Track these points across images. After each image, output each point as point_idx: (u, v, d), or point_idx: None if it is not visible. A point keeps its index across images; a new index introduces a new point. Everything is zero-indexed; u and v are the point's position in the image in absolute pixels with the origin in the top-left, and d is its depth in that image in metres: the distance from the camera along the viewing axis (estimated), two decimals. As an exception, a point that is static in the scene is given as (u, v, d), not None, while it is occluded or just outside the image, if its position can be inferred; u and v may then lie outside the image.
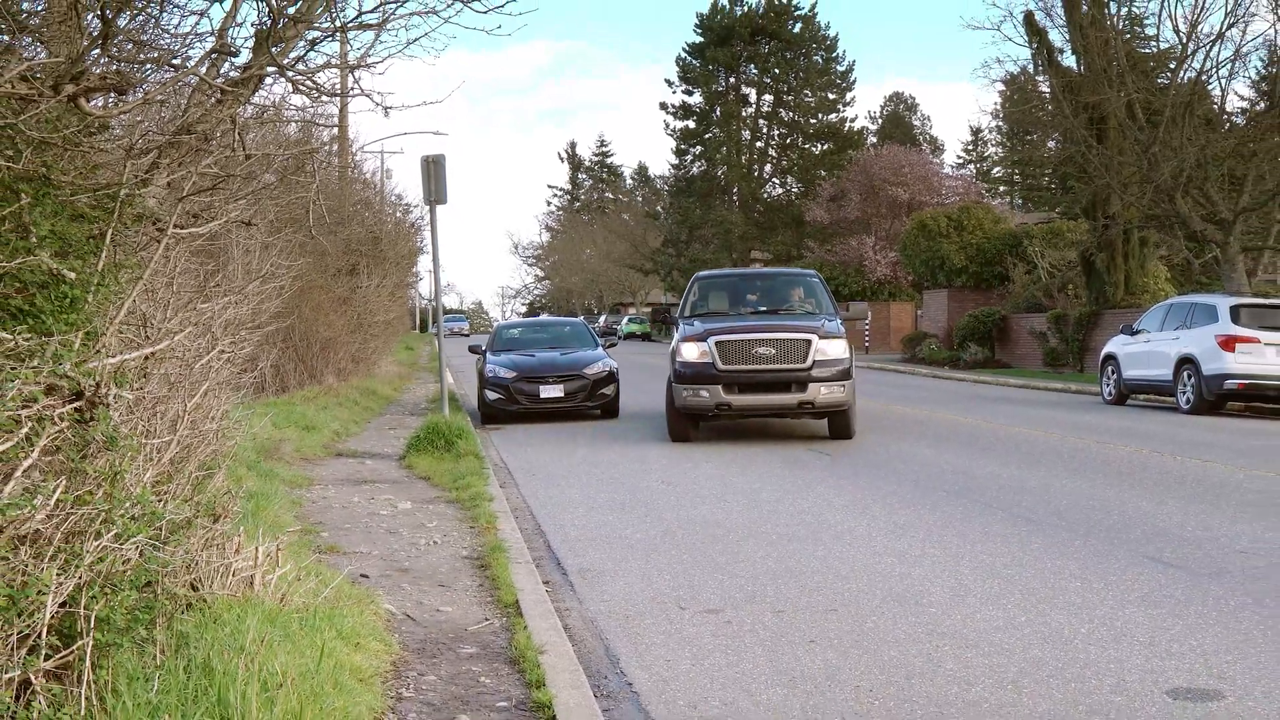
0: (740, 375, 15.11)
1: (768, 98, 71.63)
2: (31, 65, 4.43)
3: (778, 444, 15.61)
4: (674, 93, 73.43)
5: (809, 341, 15.04)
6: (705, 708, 4.94)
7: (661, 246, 72.74)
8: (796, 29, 69.81)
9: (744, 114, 71.53)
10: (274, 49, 5.55)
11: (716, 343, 15.17)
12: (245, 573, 5.29)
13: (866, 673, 5.31)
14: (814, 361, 14.92)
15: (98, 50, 4.93)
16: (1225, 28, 26.05)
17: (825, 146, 68.92)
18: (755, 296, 17.91)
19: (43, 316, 4.20)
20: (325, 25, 5.96)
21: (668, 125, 73.52)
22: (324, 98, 6.31)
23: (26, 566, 3.37)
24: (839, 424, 15.61)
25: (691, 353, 15.35)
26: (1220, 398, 18.62)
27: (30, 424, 3.71)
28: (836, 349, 15.17)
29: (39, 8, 5.88)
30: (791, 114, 70.73)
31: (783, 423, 17.61)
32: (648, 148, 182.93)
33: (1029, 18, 30.35)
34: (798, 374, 14.88)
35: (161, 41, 6.08)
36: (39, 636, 3.30)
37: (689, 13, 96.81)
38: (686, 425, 16.02)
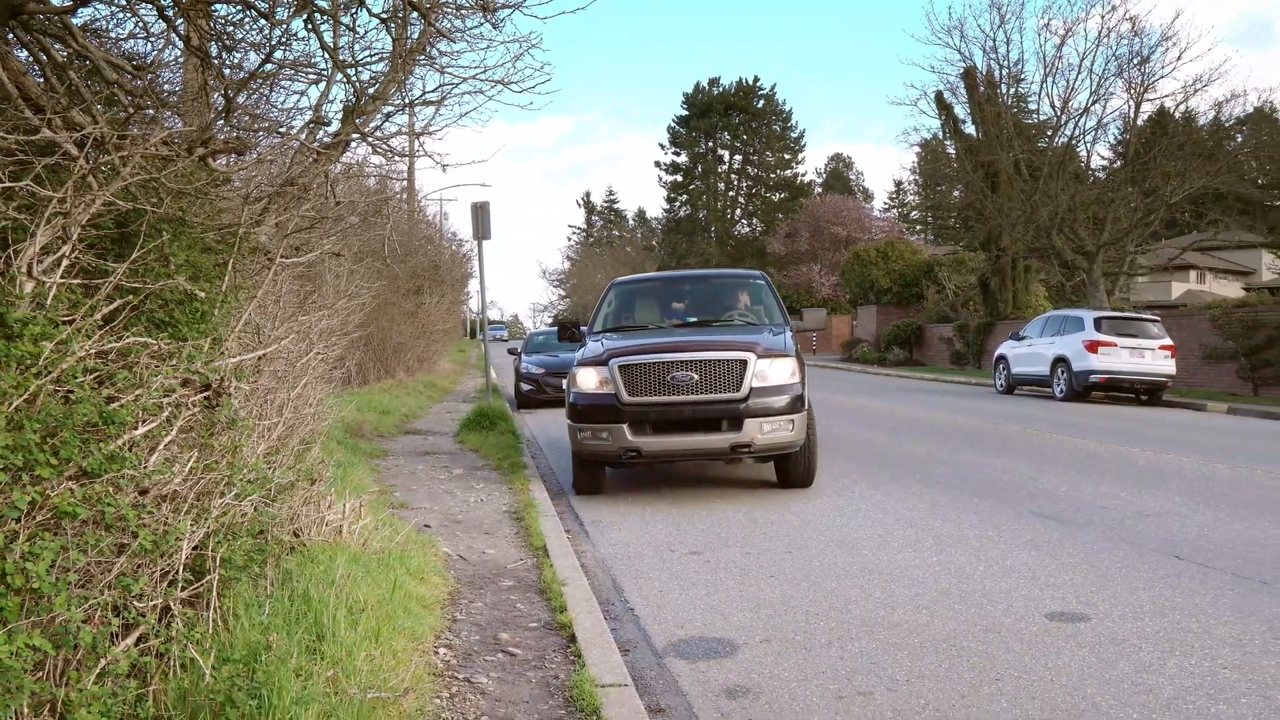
0: (651, 410, 8.24)
1: (738, 158, 71.74)
2: (171, 133, 4.43)
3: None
4: (665, 153, 73.68)
5: (743, 363, 8.22)
6: (690, 626, 4.94)
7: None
8: (760, 104, 70.01)
9: (719, 170, 71.66)
10: (358, 120, 5.55)
11: (621, 366, 8.30)
12: (335, 524, 5.29)
13: (813, 600, 5.31)
14: (751, 389, 8.18)
15: (222, 121, 4.93)
16: (1090, 104, 26.09)
17: (782, 195, 69.13)
18: (684, 305, 10.42)
19: (179, 326, 4.20)
20: (397, 102, 5.96)
21: (661, 178, 73.75)
22: (396, 158, 6.31)
23: (167, 519, 3.38)
24: (790, 470, 8.74)
25: (589, 380, 8.51)
26: (1086, 389, 18.62)
27: (170, 409, 3.72)
28: (781, 371, 8.34)
29: (177, 89, 5.88)
30: (756, 170, 70.87)
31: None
32: (645, 196, 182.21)
33: (939, 96, 30.36)
34: (728, 407, 8.12)
35: (271, 114, 6.08)
36: (177, 573, 3.30)
37: (677, 92, 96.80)
38: (592, 472, 8.86)
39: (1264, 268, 42.64)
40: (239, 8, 5.21)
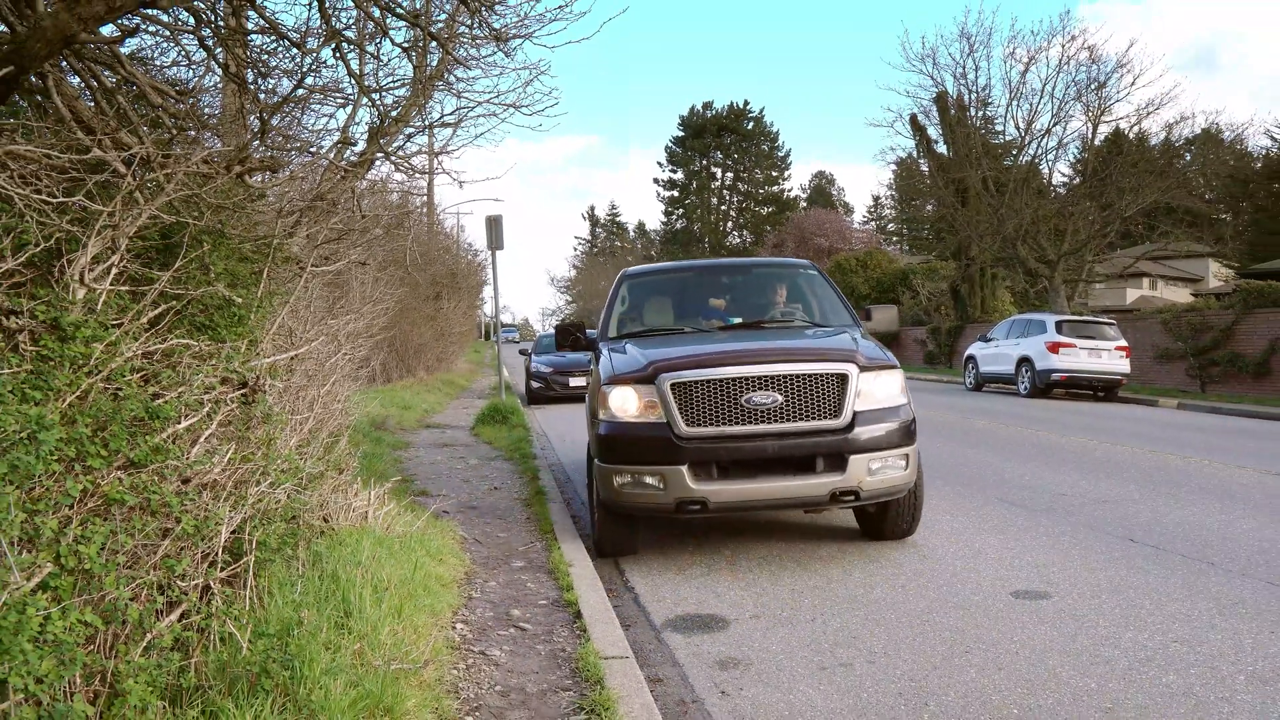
0: (720, 445, 5.30)
1: (729, 175, 71.73)
2: (211, 152, 4.43)
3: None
4: (663, 171, 73.65)
5: (843, 378, 5.42)
6: (684, 605, 4.94)
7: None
8: (750, 126, 69.98)
9: (713, 186, 71.62)
10: (382, 140, 5.54)
11: (675, 385, 5.36)
12: (361, 510, 5.29)
13: (798, 579, 5.30)
14: (854, 414, 5.40)
15: (257, 141, 4.93)
16: (1051, 125, 26.11)
17: (770, 209, 69.08)
18: (724, 303, 7.13)
19: (219, 329, 4.20)
20: (418, 124, 5.95)
21: (659, 194, 73.73)
22: (416, 175, 6.32)
23: (207, 505, 3.38)
24: (888, 516, 5.99)
25: (627, 404, 5.49)
26: (1048, 386, 18.62)
27: (210, 405, 3.71)
28: (889, 388, 5.62)
29: (216, 112, 5.87)
30: (746, 186, 70.82)
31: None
32: (645, 210, 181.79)
33: (913, 118, 30.35)
34: (826, 439, 5.34)
35: (302, 135, 6.07)
36: (216, 555, 3.30)
37: (674, 115, 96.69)
38: (623, 527, 5.86)
39: (1210, 275, 42.65)
40: (273, 38, 5.21)
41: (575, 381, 18.62)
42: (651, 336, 6.49)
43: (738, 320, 6.80)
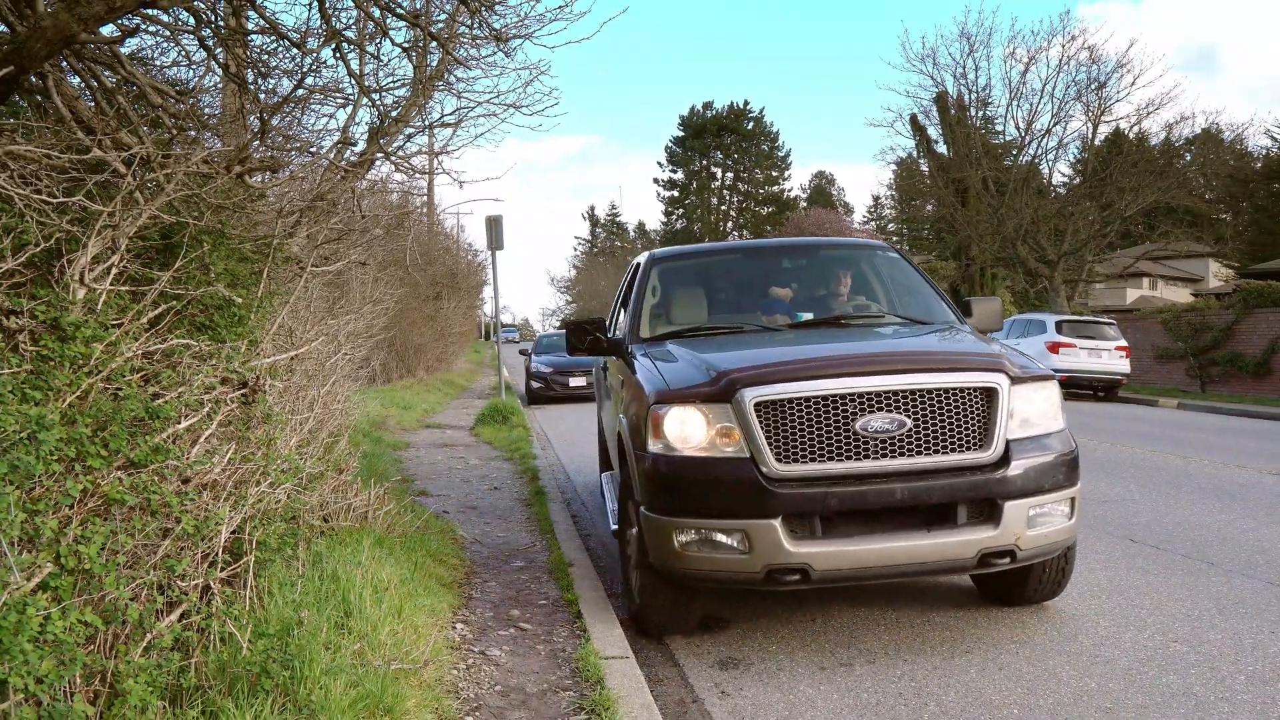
0: (829, 488, 3.64)
1: (729, 175, 71.79)
2: (211, 153, 4.43)
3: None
4: (663, 171, 73.68)
5: (990, 393, 3.82)
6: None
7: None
8: (750, 126, 70.04)
9: (713, 186, 71.68)
10: (382, 141, 5.55)
11: (763, 402, 3.72)
12: (361, 509, 5.29)
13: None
14: (1007, 443, 3.80)
15: (257, 142, 4.93)
16: (1052, 125, 26.14)
17: (770, 209, 69.13)
18: (790, 293, 5.43)
19: (219, 329, 4.20)
20: (418, 124, 5.96)
21: (659, 194, 73.74)
22: (417, 175, 6.34)
23: (207, 505, 3.38)
24: (1035, 578, 4.37)
25: (689, 429, 3.83)
26: (1048, 386, 18.64)
27: (210, 405, 3.71)
28: (1046, 407, 4.06)
29: (216, 112, 5.88)
30: (746, 186, 70.89)
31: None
32: (645, 210, 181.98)
33: (913, 118, 30.39)
34: (970, 478, 3.71)
35: (302, 135, 6.08)
36: (216, 555, 3.30)
37: (674, 115, 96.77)
38: (676, 603, 4.19)
39: (1210, 275, 42.67)
40: (273, 38, 5.21)
41: (575, 381, 18.65)
42: (701, 337, 4.89)
43: (808, 316, 5.18)
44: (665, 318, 5.39)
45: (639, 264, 5.99)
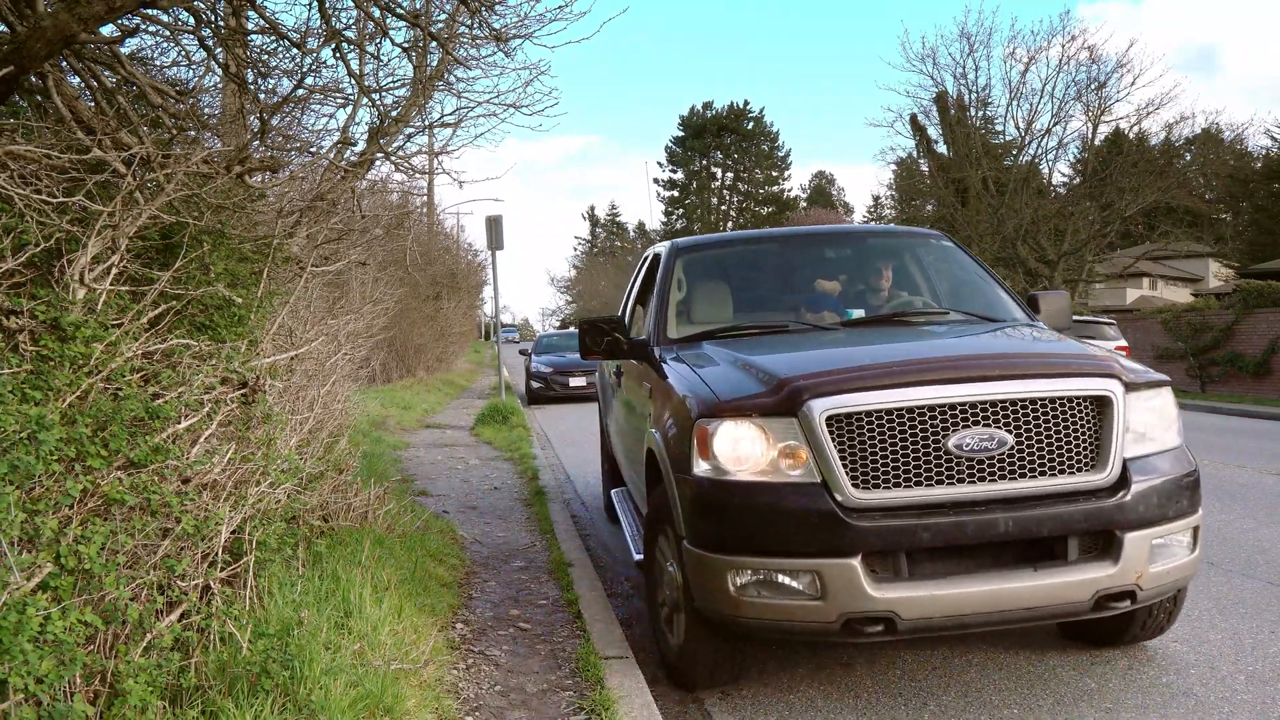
0: (918, 520, 3.03)
1: (729, 175, 71.85)
2: (211, 153, 4.43)
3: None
4: (664, 171, 73.74)
5: (1104, 402, 3.22)
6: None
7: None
8: (750, 126, 70.11)
9: (713, 186, 71.75)
10: (382, 141, 5.55)
11: (837, 415, 3.10)
12: (361, 509, 5.29)
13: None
14: (1123, 462, 3.20)
15: (257, 142, 4.93)
16: (1051, 125, 26.17)
17: (770, 209, 69.18)
18: (839, 286, 4.80)
19: (219, 329, 4.20)
20: (418, 124, 5.96)
21: (659, 194, 73.74)
22: (417, 175, 6.34)
23: (207, 505, 3.38)
24: (1142, 612, 3.72)
25: (744, 448, 3.20)
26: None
27: (210, 405, 3.72)
28: (1163, 418, 3.44)
29: (216, 112, 5.88)
30: (746, 186, 70.96)
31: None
32: (645, 210, 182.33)
33: (913, 118, 30.42)
34: (1084, 504, 3.11)
35: (302, 135, 6.08)
36: (216, 555, 3.30)
37: (674, 115, 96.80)
38: (721, 651, 3.54)
39: (1210, 275, 42.68)
40: (273, 38, 5.21)
41: (575, 381, 18.66)
42: (741, 338, 4.26)
43: (858, 313, 4.59)
44: (694, 315, 4.69)
45: (657, 255, 5.31)
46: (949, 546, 3.10)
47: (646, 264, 5.74)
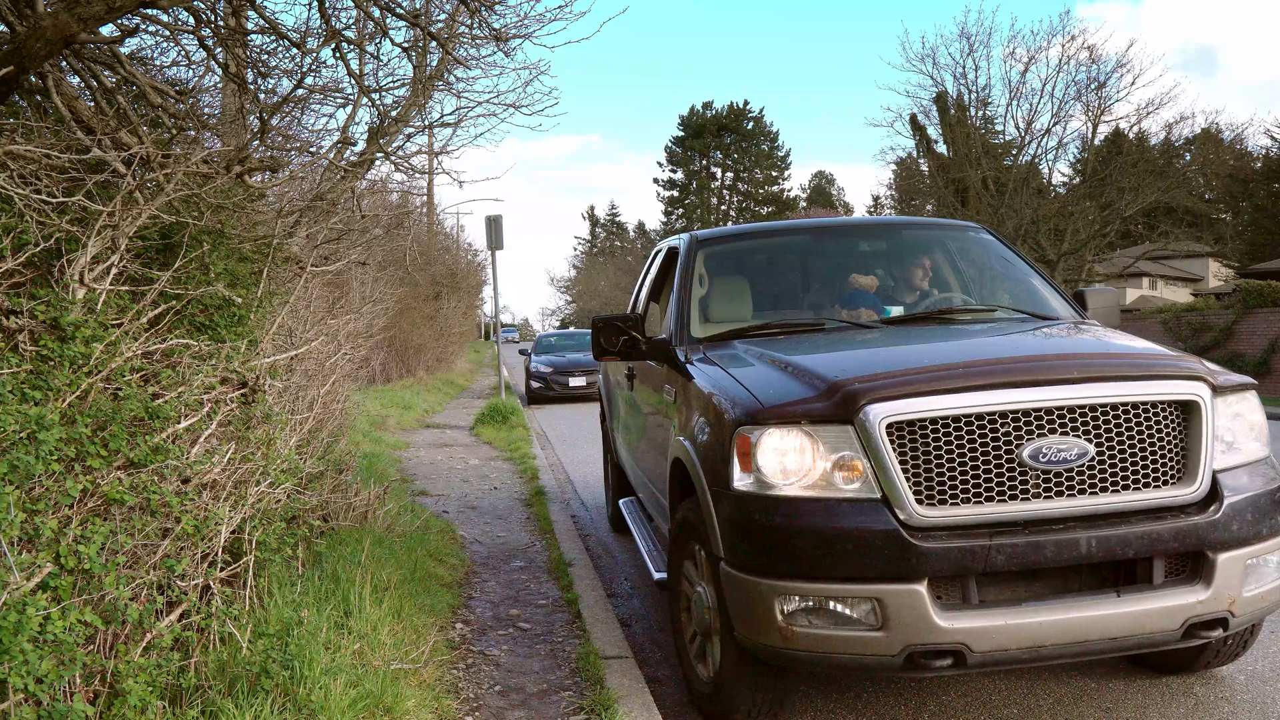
0: (997, 539, 2.73)
1: (729, 175, 71.87)
2: (211, 152, 4.43)
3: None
4: (663, 171, 73.79)
5: (1191, 408, 2.92)
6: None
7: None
8: (750, 126, 70.14)
9: (712, 186, 71.77)
10: (381, 140, 5.55)
11: (899, 422, 2.81)
12: (361, 509, 5.29)
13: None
14: (1213, 474, 2.90)
15: (257, 141, 4.93)
16: (1051, 125, 26.18)
17: (770, 209, 69.20)
18: (876, 281, 4.49)
19: (218, 329, 4.20)
20: (417, 124, 5.96)
21: (659, 194, 73.87)
22: (416, 175, 6.35)
23: (207, 505, 3.38)
24: (1223, 645, 3.47)
25: (792, 459, 2.89)
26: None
27: (210, 405, 3.71)
28: (1251, 425, 3.09)
29: (216, 112, 5.88)
30: (746, 186, 70.98)
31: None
32: (645, 209, 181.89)
33: (913, 118, 30.41)
34: (1171, 522, 2.81)
35: (302, 135, 6.08)
36: (216, 555, 3.30)
37: (674, 114, 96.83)
38: (767, 697, 3.22)
39: (1210, 275, 42.68)
40: (273, 38, 5.21)
41: (575, 381, 18.67)
42: (774, 337, 3.93)
43: (897, 310, 4.29)
44: (718, 313, 4.35)
45: (675, 248, 4.98)
46: (1022, 571, 2.80)
47: (660, 257, 5.41)
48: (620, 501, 5.83)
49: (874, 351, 3.53)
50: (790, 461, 2.92)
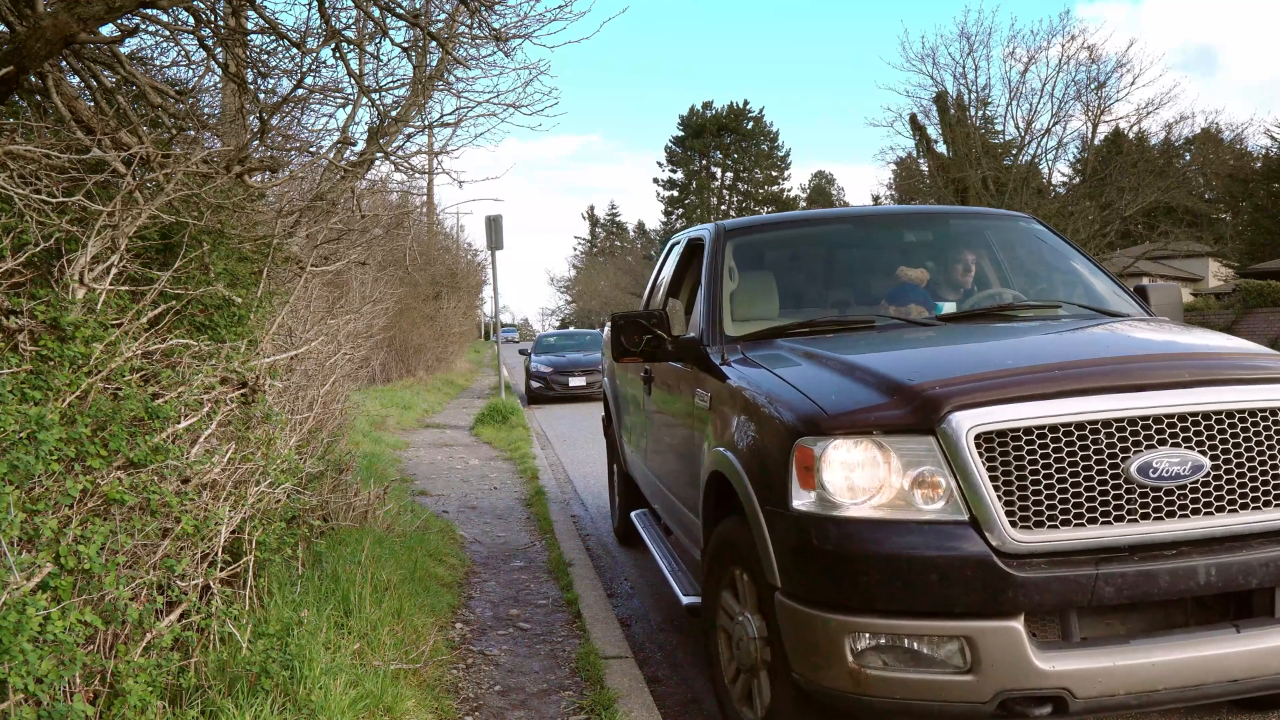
0: (1104, 567, 2.38)
1: (729, 175, 71.90)
2: (211, 152, 4.43)
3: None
4: (663, 171, 73.81)
5: None
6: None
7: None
8: (750, 126, 70.19)
9: (712, 186, 71.81)
10: (381, 140, 5.55)
11: (990, 432, 2.45)
12: (361, 509, 5.29)
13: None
14: None
15: (257, 141, 4.93)
16: (1051, 125, 26.21)
17: (770, 209, 69.16)
18: (926, 275, 4.06)
19: (218, 329, 4.20)
20: (417, 124, 5.96)
21: (659, 194, 73.94)
22: (416, 175, 6.35)
23: (207, 505, 3.38)
24: None
25: (862, 475, 2.53)
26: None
27: (210, 405, 3.72)
28: None
29: (216, 112, 5.88)
30: (746, 186, 71.02)
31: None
32: (645, 210, 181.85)
33: (913, 118, 30.42)
34: None
35: (302, 135, 6.08)
36: (216, 555, 3.30)
37: (674, 114, 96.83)
38: None
39: (1210, 275, 42.69)
40: (273, 38, 5.21)
41: (575, 381, 18.68)
42: (821, 336, 3.55)
43: (949, 307, 3.95)
44: (751, 309, 3.95)
45: (697, 240, 4.63)
46: (1132, 604, 2.46)
47: (679, 250, 5.03)
48: (633, 514, 5.46)
49: (947, 350, 3.19)
50: (859, 477, 2.57)
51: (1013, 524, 2.44)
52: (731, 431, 3.12)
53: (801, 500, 2.62)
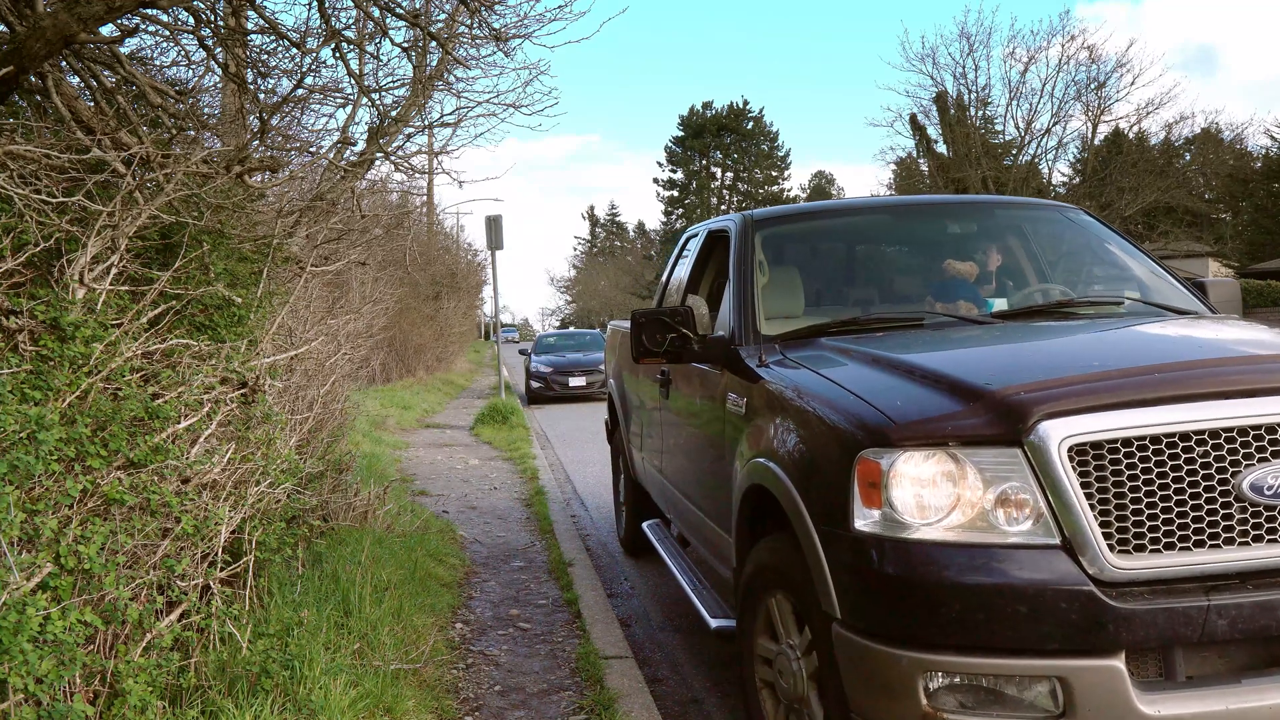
0: (1218, 597, 2.10)
1: (729, 175, 71.96)
2: (211, 152, 4.43)
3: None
4: (663, 171, 73.78)
5: None
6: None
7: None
8: (750, 126, 70.27)
9: (712, 186, 71.87)
10: (381, 140, 5.55)
11: (1084, 444, 2.16)
12: (361, 509, 5.29)
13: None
14: None
15: (257, 141, 4.93)
16: (1051, 125, 26.24)
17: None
18: (975, 269, 3.75)
19: (218, 329, 4.20)
20: (417, 124, 5.96)
21: (659, 194, 73.90)
22: (416, 175, 6.34)
23: (207, 505, 3.38)
24: None
25: (940, 492, 2.24)
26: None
27: (210, 405, 3.72)
28: None
29: (216, 112, 5.88)
30: (746, 186, 71.07)
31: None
32: (645, 209, 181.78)
33: (913, 118, 30.48)
34: None
35: (302, 135, 6.08)
36: (216, 555, 3.30)
37: (674, 114, 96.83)
38: None
39: (1210, 275, 42.68)
40: (273, 38, 5.21)
41: (575, 381, 18.69)
42: (868, 335, 3.27)
43: (999, 303, 3.62)
44: (785, 306, 3.65)
45: (718, 232, 4.31)
46: (1245, 639, 2.18)
47: (698, 243, 4.68)
48: (645, 525, 5.15)
49: (1021, 350, 2.86)
50: (933, 495, 2.28)
51: (1111, 548, 2.17)
52: (774, 441, 2.82)
53: (864, 520, 2.33)
